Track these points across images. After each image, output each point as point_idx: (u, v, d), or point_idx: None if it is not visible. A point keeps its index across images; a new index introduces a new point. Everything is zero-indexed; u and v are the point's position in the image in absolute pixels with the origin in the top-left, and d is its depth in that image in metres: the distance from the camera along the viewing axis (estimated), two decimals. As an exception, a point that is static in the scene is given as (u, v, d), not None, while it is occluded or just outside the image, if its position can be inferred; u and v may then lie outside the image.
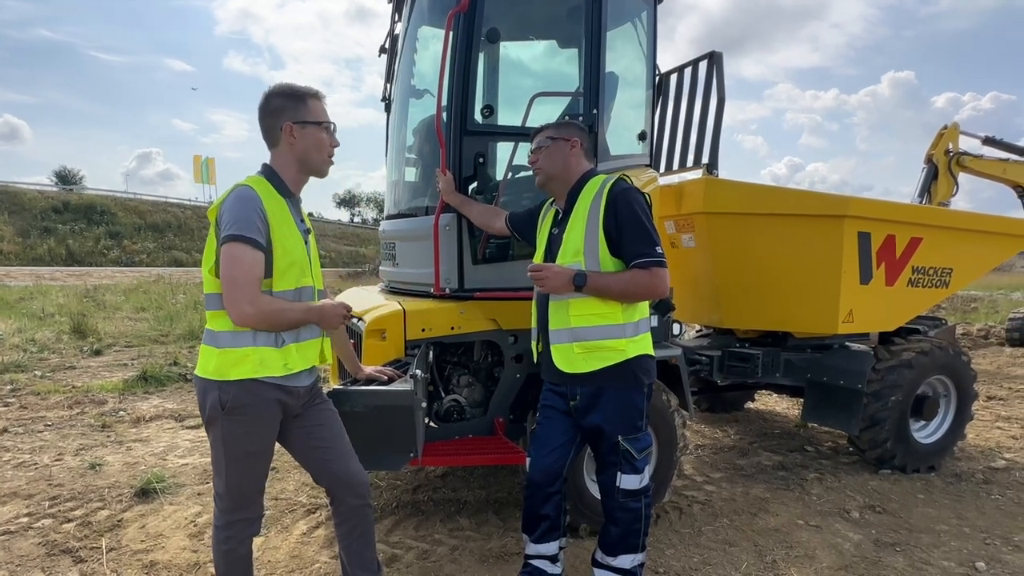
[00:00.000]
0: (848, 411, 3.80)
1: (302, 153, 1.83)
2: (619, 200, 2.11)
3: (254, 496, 1.89)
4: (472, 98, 2.83)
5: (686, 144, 4.20)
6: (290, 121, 1.81)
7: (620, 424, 2.17)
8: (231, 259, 1.66)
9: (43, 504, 3.05)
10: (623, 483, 2.18)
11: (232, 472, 1.79)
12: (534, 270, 2.12)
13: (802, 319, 3.84)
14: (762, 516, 3.25)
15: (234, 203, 1.70)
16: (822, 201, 3.63)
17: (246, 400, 1.74)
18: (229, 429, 1.75)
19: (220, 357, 1.73)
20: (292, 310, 1.78)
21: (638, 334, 2.22)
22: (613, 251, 2.14)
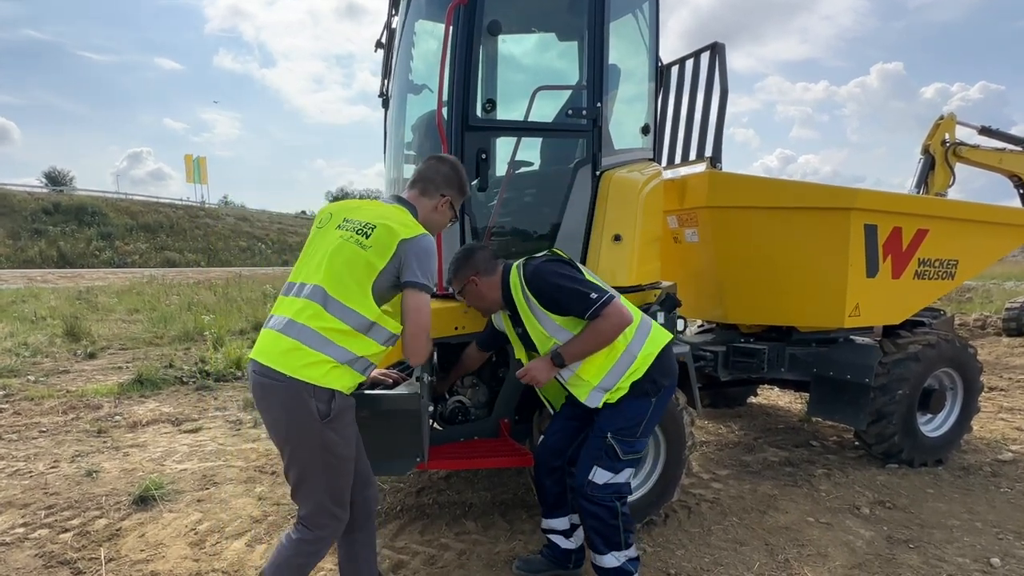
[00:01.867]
0: (855, 405, 3.76)
1: (434, 222, 2.07)
2: (532, 286, 2.27)
3: (346, 500, 1.90)
4: (473, 93, 2.77)
5: (688, 137, 4.14)
6: (451, 200, 2.08)
7: (616, 422, 2.26)
8: (421, 310, 1.84)
9: (39, 513, 2.98)
10: (596, 475, 2.26)
11: (333, 482, 1.82)
12: (521, 376, 2.35)
13: (808, 313, 3.80)
14: (771, 514, 3.22)
15: (427, 253, 1.85)
16: (829, 194, 3.58)
17: (344, 405, 1.80)
18: (331, 438, 1.77)
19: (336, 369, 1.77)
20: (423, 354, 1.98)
21: (644, 340, 2.32)
22: (565, 315, 2.26)
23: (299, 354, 1.74)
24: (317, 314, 1.76)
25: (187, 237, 32.88)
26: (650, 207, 3.14)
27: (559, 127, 3.06)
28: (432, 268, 1.86)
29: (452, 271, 2.42)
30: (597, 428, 2.31)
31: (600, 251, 2.97)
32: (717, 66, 3.75)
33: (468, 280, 2.37)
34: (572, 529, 2.54)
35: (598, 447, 2.28)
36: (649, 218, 3.14)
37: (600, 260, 2.96)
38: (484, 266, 2.37)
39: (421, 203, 2.04)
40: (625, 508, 2.32)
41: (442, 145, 2.76)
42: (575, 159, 3.04)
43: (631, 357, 2.27)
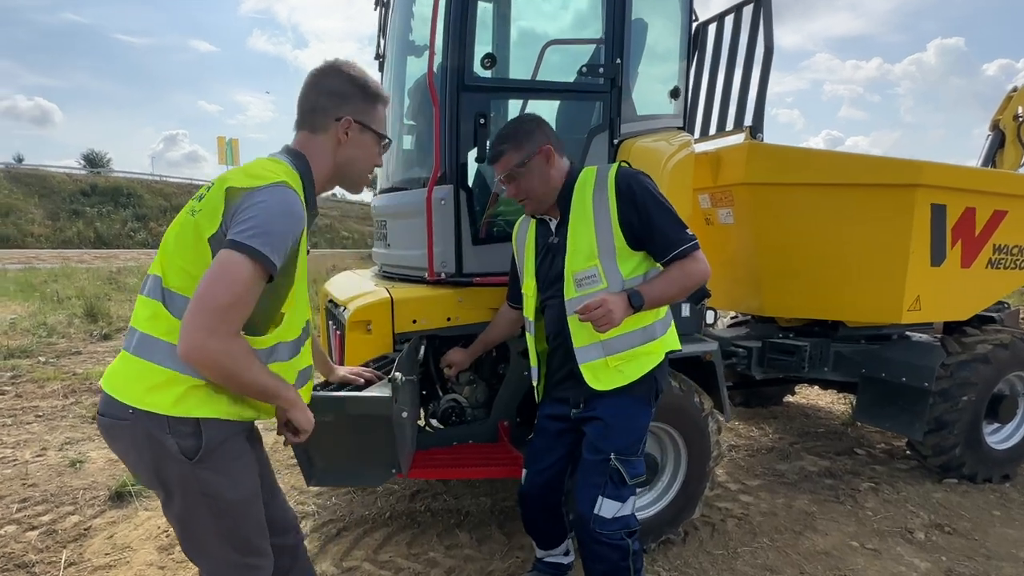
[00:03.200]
0: (910, 412, 3.31)
1: (347, 160, 1.47)
2: (633, 187, 1.82)
3: (263, 547, 1.43)
4: (471, 46, 2.39)
5: (725, 104, 3.68)
6: (353, 117, 1.43)
7: (617, 438, 1.88)
8: (226, 272, 1.17)
9: (12, 507, 2.81)
10: (602, 508, 1.86)
11: (229, 533, 1.35)
12: (587, 310, 1.70)
13: (859, 307, 3.33)
14: (808, 535, 2.82)
15: (269, 208, 1.22)
16: (889, 168, 3.08)
17: (222, 436, 1.30)
18: (209, 480, 1.29)
19: (197, 389, 1.26)
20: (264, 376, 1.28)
21: (667, 329, 1.95)
22: (634, 245, 1.83)
23: (142, 374, 1.26)
24: (156, 314, 1.27)
25: (218, 219, 33.42)
26: (677, 182, 2.72)
27: (571, 87, 2.65)
28: (273, 229, 1.21)
29: (521, 135, 1.85)
30: (593, 448, 1.89)
31: (616, 233, 2.58)
32: (761, 21, 3.28)
33: (543, 149, 1.84)
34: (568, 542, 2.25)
35: (601, 472, 1.87)
36: (675, 195, 2.68)
37: (616, 243, 2.57)
38: (556, 141, 1.90)
39: (314, 145, 1.43)
40: (636, 544, 1.93)
41: (433, 107, 2.40)
42: (590, 125, 2.64)
43: (650, 335, 1.88)
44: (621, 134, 2.61)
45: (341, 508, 2.87)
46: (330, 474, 1.95)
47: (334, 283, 3.03)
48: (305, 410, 1.42)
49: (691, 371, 2.67)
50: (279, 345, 1.37)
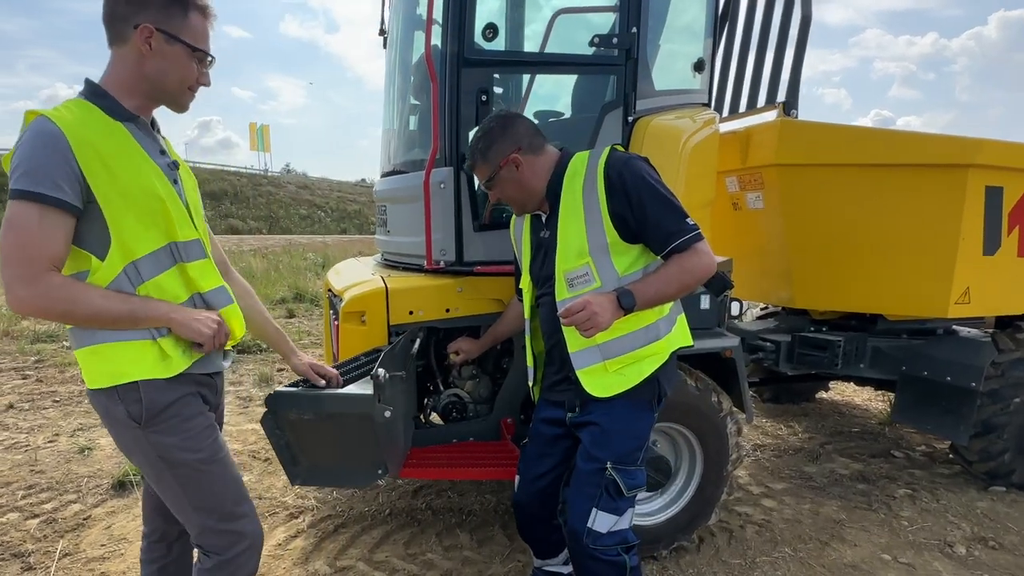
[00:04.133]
0: (955, 414, 3.04)
1: (155, 73, 1.30)
2: (624, 173, 1.63)
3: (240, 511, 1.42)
4: (471, 15, 2.20)
5: (757, 79, 3.41)
6: (153, 25, 1.25)
7: (614, 446, 1.71)
8: (10, 223, 1.17)
9: (17, 494, 2.81)
10: (596, 522, 1.70)
11: (196, 496, 1.36)
12: (569, 313, 1.56)
13: (901, 299, 3.06)
14: (835, 546, 2.61)
15: (26, 143, 1.18)
16: (940, 146, 2.79)
17: (167, 400, 1.31)
18: (161, 442, 1.31)
19: (111, 354, 1.27)
20: (105, 301, 1.24)
21: (673, 326, 1.76)
22: (628, 238, 1.66)
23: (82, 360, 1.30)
24: None
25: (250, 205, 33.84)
26: (698, 163, 2.50)
27: (582, 60, 2.45)
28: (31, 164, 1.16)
29: (481, 149, 1.73)
30: (588, 456, 1.73)
31: (629, 219, 2.39)
32: (798, -13, 3.00)
33: (509, 158, 1.70)
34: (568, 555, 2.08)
35: (595, 483, 1.70)
36: (696, 178, 2.51)
37: (628, 230, 2.38)
38: (529, 140, 1.73)
39: (116, 58, 1.29)
40: (635, 559, 1.75)
41: (432, 83, 2.24)
42: (602, 101, 2.43)
43: (654, 334, 1.70)
44: (637, 111, 2.40)
45: (341, 504, 2.79)
46: (315, 474, 1.85)
47: (335, 272, 2.91)
48: (186, 321, 1.33)
49: (710, 368, 2.48)
50: (130, 267, 1.28)
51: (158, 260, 1.32)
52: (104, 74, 1.31)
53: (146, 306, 1.29)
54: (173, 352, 1.33)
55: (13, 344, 5.51)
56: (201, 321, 1.35)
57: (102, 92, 1.29)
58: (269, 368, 4.91)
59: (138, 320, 1.28)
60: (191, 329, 1.33)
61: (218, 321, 1.38)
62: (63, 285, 1.21)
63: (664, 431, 2.42)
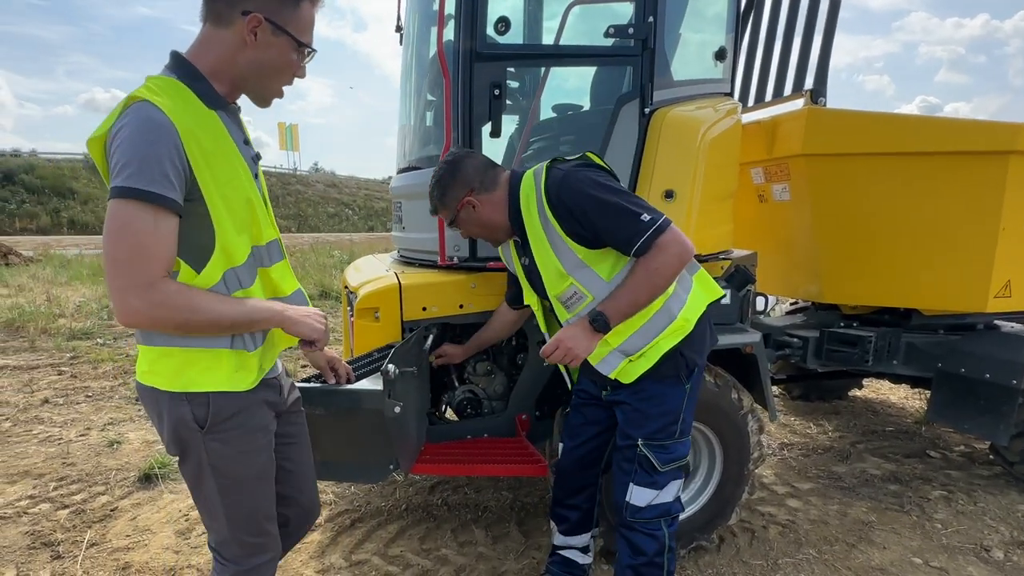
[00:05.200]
0: (994, 413, 2.90)
1: (255, 65, 1.20)
2: (563, 195, 1.62)
3: (269, 528, 1.39)
4: (483, 9, 2.17)
5: (784, 67, 3.31)
6: (264, 15, 1.16)
7: (645, 424, 1.76)
8: (121, 226, 1.06)
9: (49, 486, 2.90)
10: (633, 496, 1.78)
11: (233, 507, 1.30)
12: (547, 355, 1.66)
13: (936, 293, 2.93)
14: (863, 548, 2.52)
15: (133, 132, 1.05)
16: (977, 132, 2.65)
17: (233, 408, 1.25)
18: (217, 451, 1.25)
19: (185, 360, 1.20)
20: (223, 306, 1.16)
21: (685, 299, 1.75)
22: (596, 246, 1.65)
23: (144, 354, 1.24)
24: None
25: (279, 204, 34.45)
26: (718, 154, 2.43)
27: (596, 51, 2.40)
28: (137, 157, 1.04)
29: (437, 196, 1.78)
30: (623, 433, 1.81)
31: (646, 212, 2.33)
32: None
33: (462, 203, 1.74)
34: (591, 542, 2.13)
35: (629, 459, 1.79)
36: (716, 169, 2.44)
37: (645, 223, 2.32)
38: (480, 178, 1.74)
39: (214, 40, 1.18)
40: (673, 540, 1.83)
41: (444, 78, 2.22)
42: (617, 93, 2.38)
43: (668, 316, 1.69)
44: (654, 102, 2.34)
45: (359, 498, 2.80)
46: (327, 469, 1.86)
47: (353, 268, 2.93)
48: (300, 319, 1.28)
49: (730, 364, 2.42)
50: (230, 274, 1.22)
51: (250, 267, 1.27)
52: (193, 50, 1.20)
53: (261, 307, 1.24)
54: (252, 364, 1.27)
55: (50, 341, 5.71)
56: (313, 317, 1.30)
57: (198, 74, 1.18)
58: (293, 364, 4.98)
59: (254, 323, 1.23)
60: (306, 326, 1.28)
61: (325, 317, 1.34)
62: (181, 292, 1.12)
63: (683, 429, 2.36)
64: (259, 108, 1.32)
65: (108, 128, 1.09)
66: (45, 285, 8.69)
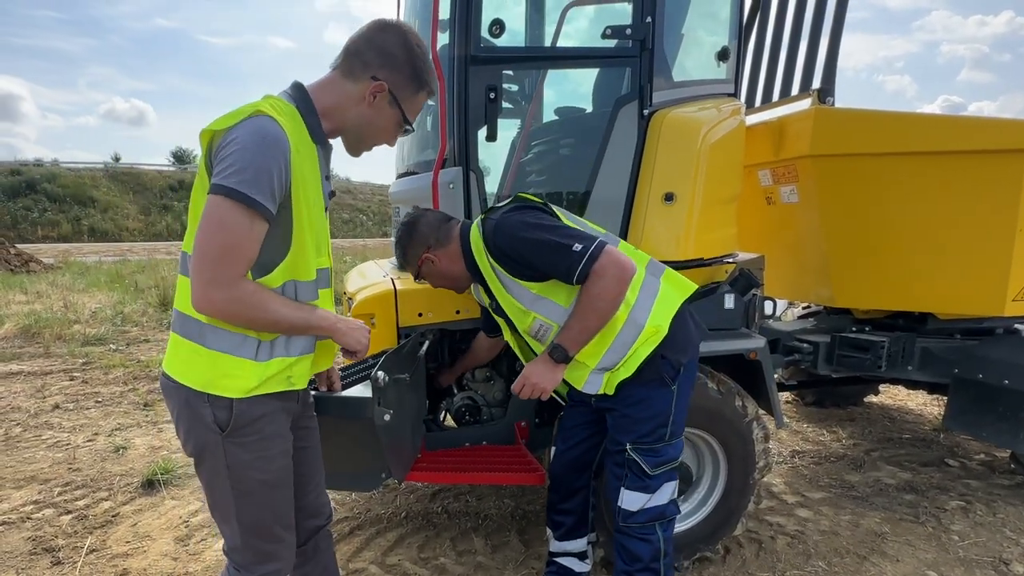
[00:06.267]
0: (1013, 420, 2.81)
1: (364, 122, 1.36)
2: (499, 243, 1.71)
3: (283, 536, 1.39)
4: (477, 11, 2.15)
5: (791, 66, 3.24)
6: (389, 85, 1.32)
7: (632, 429, 1.80)
8: (220, 223, 1.14)
9: (54, 491, 2.92)
10: (624, 501, 1.82)
11: (247, 512, 1.32)
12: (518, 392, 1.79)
13: (950, 296, 2.84)
14: (875, 560, 2.43)
15: (244, 142, 1.14)
16: (991, 130, 2.57)
17: (254, 414, 1.28)
18: (235, 455, 1.28)
19: (211, 363, 1.25)
20: (286, 309, 1.24)
21: (651, 306, 1.76)
22: (545, 279, 1.73)
23: (178, 348, 1.29)
24: (183, 289, 1.26)
25: (294, 210, 34.90)
26: (720, 156, 2.38)
27: (594, 53, 2.37)
28: (249, 164, 1.13)
29: (400, 256, 1.94)
30: (611, 439, 1.86)
31: (645, 217, 2.29)
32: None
33: (422, 259, 1.87)
34: (588, 548, 2.15)
35: (619, 464, 1.83)
36: (718, 170, 2.39)
37: (645, 228, 2.28)
38: (435, 236, 1.86)
39: (338, 86, 1.32)
40: (669, 545, 1.84)
41: (438, 81, 2.20)
42: (616, 95, 2.34)
43: (636, 328, 1.73)
44: (653, 103, 2.30)
45: (358, 505, 2.78)
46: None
47: (352, 274, 2.92)
48: (348, 331, 1.36)
49: (734, 371, 2.35)
50: (289, 285, 1.29)
51: (312, 287, 1.35)
52: (316, 88, 1.33)
53: (318, 314, 1.32)
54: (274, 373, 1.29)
55: (65, 347, 5.80)
56: (360, 331, 1.39)
57: (313, 109, 1.31)
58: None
59: (311, 327, 1.31)
60: (353, 339, 1.36)
61: (369, 332, 1.42)
62: (256, 291, 1.20)
63: (685, 436, 2.30)
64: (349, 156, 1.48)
65: (226, 127, 1.17)
66: (63, 292, 8.85)
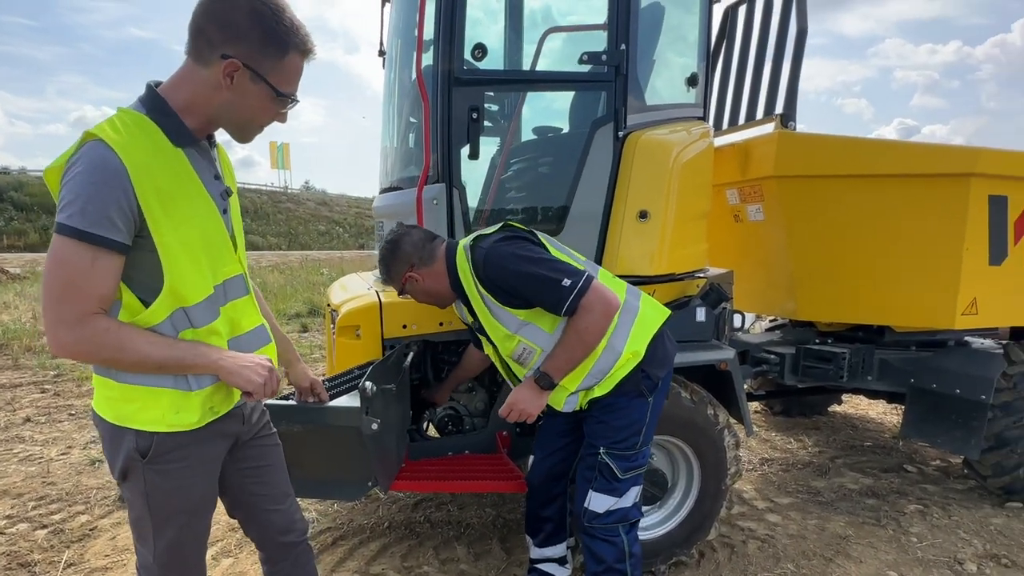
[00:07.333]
0: (966, 428, 2.96)
1: (230, 107, 1.20)
2: (489, 273, 1.76)
3: (195, 563, 1.37)
4: (461, 35, 2.26)
5: (755, 92, 3.42)
6: (242, 61, 1.14)
7: (607, 434, 1.87)
8: (58, 261, 1.07)
9: (28, 505, 2.89)
10: (592, 503, 1.88)
11: (164, 537, 1.28)
12: (505, 416, 1.86)
13: (906, 310, 3.01)
14: (840, 562, 2.55)
15: (80, 172, 1.06)
16: (940, 156, 2.76)
17: (177, 442, 1.23)
18: (154, 483, 1.23)
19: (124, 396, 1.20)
20: (151, 347, 1.14)
21: (630, 332, 1.86)
22: (532, 307, 1.78)
23: (96, 384, 1.26)
24: None
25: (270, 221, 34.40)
26: (691, 176, 2.52)
27: (571, 77, 2.49)
28: (85, 198, 1.05)
29: (383, 273, 1.97)
30: (587, 443, 1.94)
31: (621, 233, 2.40)
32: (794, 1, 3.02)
33: (405, 277, 1.92)
34: (567, 553, 2.21)
35: (591, 467, 1.90)
36: (689, 190, 2.52)
37: (620, 244, 2.40)
38: (419, 254, 1.90)
39: (192, 76, 1.17)
40: (636, 546, 1.91)
41: (423, 101, 2.29)
42: (592, 117, 2.46)
43: (614, 355, 1.81)
44: (627, 126, 2.43)
45: (341, 516, 2.81)
46: (305, 487, 1.88)
47: (336, 287, 2.97)
48: (237, 368, 1.22)
49: (706, 381, 2.47)
50: (178, 313, 1.20)
51: (210, 306, 1.25)
52: (169, 84, 1.20)
53: (194, 352, 1.20)
54: (195, 404, 1.23)
55: (34, 359, 5.67)
56: (251, 368, 1.24)
57: (168, 110, 1.17)
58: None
59: (186, 367, 1.20)
60: (241, 377, 1.22)
61: (269, 367, 1.27)
62: (109, 330, 1.12)
63: (660, 444, 2.41)
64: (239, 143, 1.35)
65: (65, 161, 1.10)
66: (31, 303, 8.62)
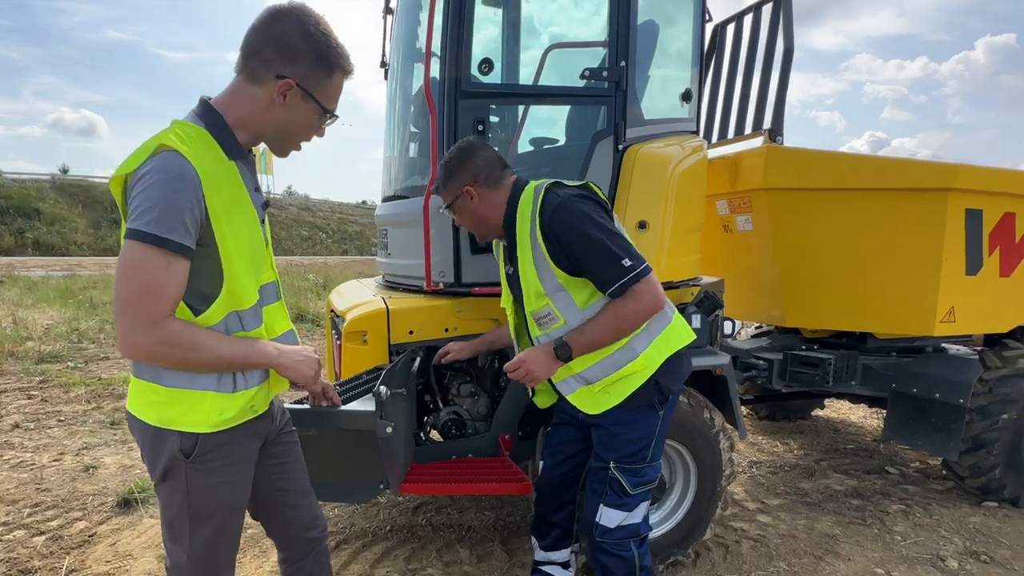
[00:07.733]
0: (944, 431, 3.10)
1: (280, 123, 1.28)
2: (555, 224, 1.67)
3: (228, 562, 1.41)
4: (467, 50, 2.33)
5: (744, 107, 3.55)
6: (295, 81, 1.23)
7: (618, 448, 1.83)
8: (135, 267, 1.11)
9: (23, 512, 2.86)
10: (603, 517, 1.85)
11: (200, 535, 1.31)
12: (511, 370, 1.78)
13: (888, 318, 3.14)
14: (829, 560, 2.65)
15: (149, 182, 1.11)
16: (920, 171, 2.90)
17: (221, 440, 1.28)
18: (197, 481, 1.27)
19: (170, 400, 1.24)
20: (221, 346, 1.21)
21: (654, 338, 1.78)
22: (577, 274, 1.72)
23: (135, 387, 1.29)
24: None
25: (252, 225, 33.92)
26: (686, 188, 2.61)
27: (573, 92, 2.58)
28: (158, 203, 1.10)
29: (442, 175, 1.82)
30: (596, 455, 1.89)
31: (621, 241, 2.48)
32: (781, 20, 3.15)
33: (462, 190, 1.78)
34: (571, 557, 2.21)
35: (601, 480, 1.86)
36: (685, 202, 2.62)
37: (620, 252, 2.47)
38: (487, 173, 1.78)
39: (246, 95, 1.25)
40: (646, 559, 1.90)
41: (430, 113, 2.36)
42: (592, 131, 2.55)
43: (631, 354, 1.74)
44: (627, 139, 2.52)
45: (343, 520, 2.83)
46: (316, 489, 1.91)
47: (338, 293, 3.01)
48: (291, 364, 1.32)
49: (702, 386, 2.56)
50: (232, 316, 1.27)
51: (256, 310, 1.31)
52: (223, 100, 1.27)
53: (255, 348, 1.28)
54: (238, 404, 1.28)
55: (18, 364, 5.58)
56: (305, 362, 1.34)
57: (223, 124, 1.25)
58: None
59: (249, 363, 1.27)
60: (296, 371, 1.33)
61: (319, 360, 1.36)
62: (183, 330, 1.17)
63: (657, 447, 2.48)
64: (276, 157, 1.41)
65: (132, 170, 1.15)
66: (11, 307, 8.45)
